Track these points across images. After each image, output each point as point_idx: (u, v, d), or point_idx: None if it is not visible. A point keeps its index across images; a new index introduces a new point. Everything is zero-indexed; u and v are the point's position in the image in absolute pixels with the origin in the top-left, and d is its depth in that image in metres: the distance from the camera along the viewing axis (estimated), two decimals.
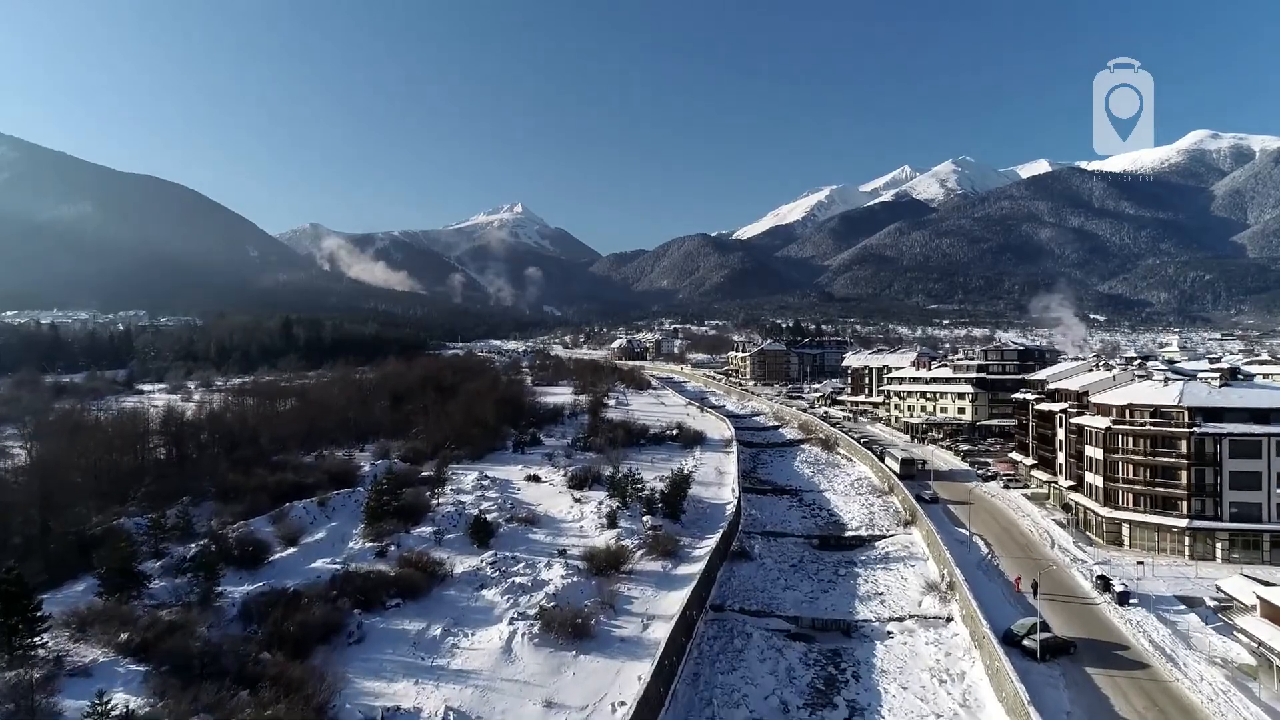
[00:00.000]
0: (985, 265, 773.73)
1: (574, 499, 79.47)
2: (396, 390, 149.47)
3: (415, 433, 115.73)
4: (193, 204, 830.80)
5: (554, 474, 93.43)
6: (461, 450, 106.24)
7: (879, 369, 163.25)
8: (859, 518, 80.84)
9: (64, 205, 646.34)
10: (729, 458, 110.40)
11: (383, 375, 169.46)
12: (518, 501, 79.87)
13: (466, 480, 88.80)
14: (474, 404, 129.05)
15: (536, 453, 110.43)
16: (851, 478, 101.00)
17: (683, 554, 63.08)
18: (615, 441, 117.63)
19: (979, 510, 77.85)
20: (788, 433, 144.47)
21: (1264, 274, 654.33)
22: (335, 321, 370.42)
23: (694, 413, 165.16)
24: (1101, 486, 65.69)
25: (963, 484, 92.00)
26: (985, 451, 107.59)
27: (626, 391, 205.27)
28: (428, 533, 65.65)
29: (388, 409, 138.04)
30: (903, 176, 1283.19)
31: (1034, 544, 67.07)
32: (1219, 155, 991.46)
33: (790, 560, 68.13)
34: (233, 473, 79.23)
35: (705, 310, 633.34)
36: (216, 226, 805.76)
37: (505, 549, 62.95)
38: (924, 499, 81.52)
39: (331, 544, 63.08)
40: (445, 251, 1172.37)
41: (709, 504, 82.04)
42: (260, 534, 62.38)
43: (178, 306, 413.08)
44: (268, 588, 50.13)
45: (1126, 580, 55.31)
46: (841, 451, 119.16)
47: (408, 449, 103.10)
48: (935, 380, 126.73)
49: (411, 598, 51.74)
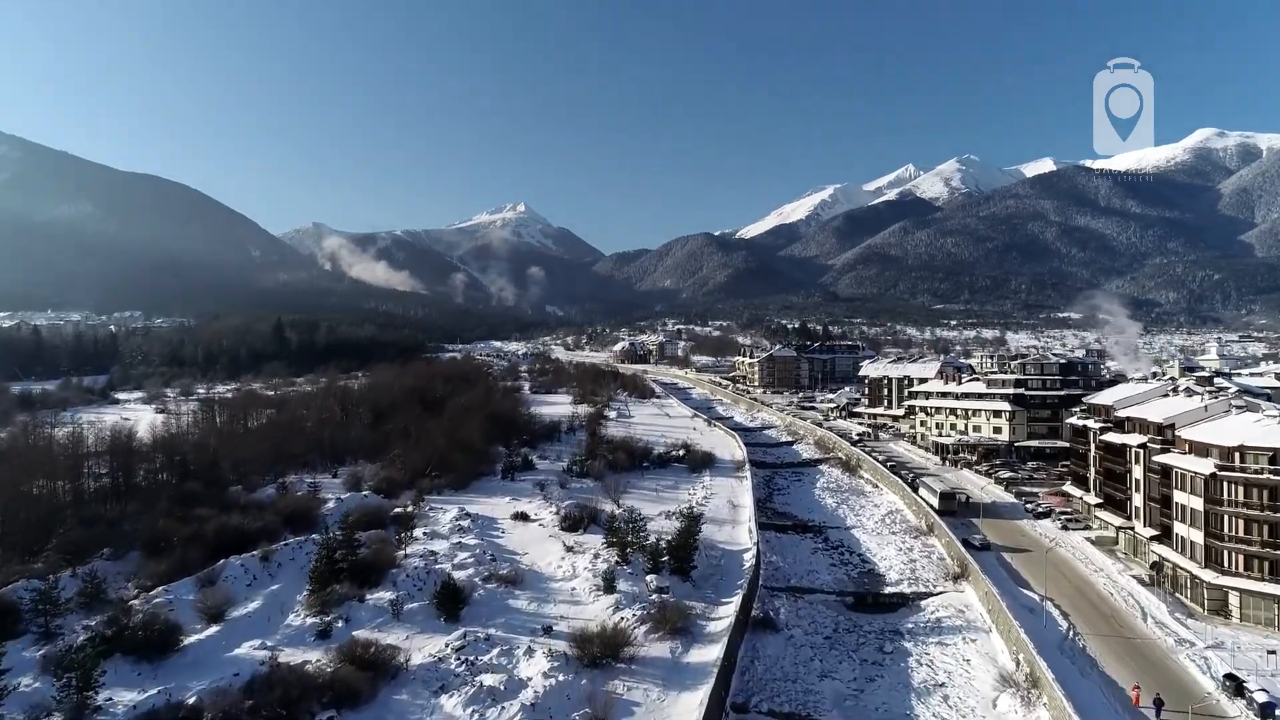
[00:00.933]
0: (991, 265, 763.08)
1: (566, 546, 68.09)
2: (380, 404, 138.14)
3: (394, 456, 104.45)
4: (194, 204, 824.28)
5: (545, 509, 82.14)
6: (443, 479, 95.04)
7: (899, 380, 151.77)
8: (898, 567, 69.40)
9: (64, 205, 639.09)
10: (742, 485, 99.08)
11: (368, 386, 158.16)
12: (500, 550, 68.56)
13: (444, 519, 77.52)
14: (461, 423, 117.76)
15: (528, 479, 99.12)
16: (881, 510, 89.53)
17: (695, 629, 51.74)
18: (616, 465, 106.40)
19: (1041, 560, 66.45)
20: (803, 450, 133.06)
21: (1274, 273, 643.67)
22: (330, 324, 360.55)
23: (701, 426, 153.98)
24: (1201, 543, 54.29)
25: (1012, 522, 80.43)
26: (1030, 480, 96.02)
27: (628, 400, 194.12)
28: (387, 600, 54.28)
29: (369, 426, 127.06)
30: (906, 175, 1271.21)
31: (1120, 614, 55.54)
32: (1225, 154, 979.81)
33: (823, 630, 56.74)
34: (169, 517, 67.94)
35: (709, 310, 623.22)
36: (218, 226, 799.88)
37: (478, 623, 51.67)
38: (973, 544, 70.07)
39: (267, 617, 51.79)
40: (447, 251, 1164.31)
41: (723, 550, 70.70)
42: (179, 604, 51.18)
43: (176, 307, 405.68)
44: (163, 699, 38.86)
45: (1261, 678, 43.79)
46: (865, 476, 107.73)
47: (381, 479, 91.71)
48: (967, 396, 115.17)
49: (351, 706, 40.41)
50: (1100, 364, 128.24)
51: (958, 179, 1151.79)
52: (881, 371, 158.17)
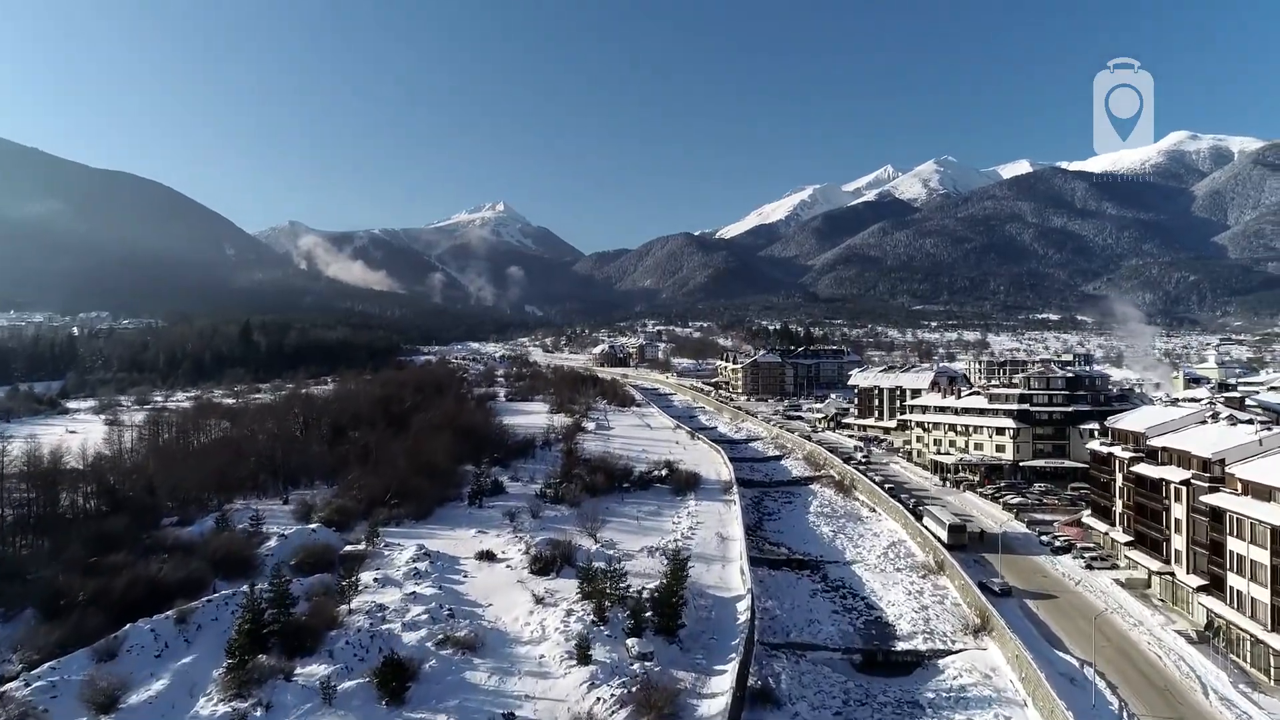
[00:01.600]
0: (969, 265, 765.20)
1: (535, 597, 59.83)
2: (341, 418, 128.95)
3: (352, 479, 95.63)
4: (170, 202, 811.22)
5: (514, 546, 73.87)
6: (403, 507, 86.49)
7: (891, 390, 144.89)
8: (908, 615, 61.86)
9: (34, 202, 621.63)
10: (731, 511, 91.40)
11: (330, 398, 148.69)
12: (459, 601, 60.23)
13: (400, 559, 69.03)
14: (427, 440, 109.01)
15: (498, 505, 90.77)
16: (882, 542, 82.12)
17: (685, 711, 43.77)
18: (593, 488, 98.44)
19: (1070, 610, 59.25)
20: (792, 467, 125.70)
21: (1247, 275, 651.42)
22: (301, 326, 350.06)
23: (684, 439, 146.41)
24: (1267, 603, 47.26)
25: (1029, 558, 73.20)
26: (1040, 505, 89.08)
27: (608, 410, 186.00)
28: (320, 676, 45.85)
29: (328, 442, 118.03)
30: (885, 176, 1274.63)
31: (1176, 685, 48.22)
32: (1198, 156, 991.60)
33: (831, 703, 49.03)
34: (76, 565, 58.77)
35: (689, 310, 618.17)
36: (193, 224, 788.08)
37: (427, 706, 43.56)
38: (991, 589, 62.65)
39: (171, 704, 43.24)
40: (426, 250, 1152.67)
41: (713, 598, 62.88)
42: (65, 688, 42.43)
43: (147, 307, 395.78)
44: None
45: None
46: (861, 498, 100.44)
47: (333, 508, 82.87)
48: (968, 411, 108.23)
49: None
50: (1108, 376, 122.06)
51: (936, 180, 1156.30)
52: (872, 381, 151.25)
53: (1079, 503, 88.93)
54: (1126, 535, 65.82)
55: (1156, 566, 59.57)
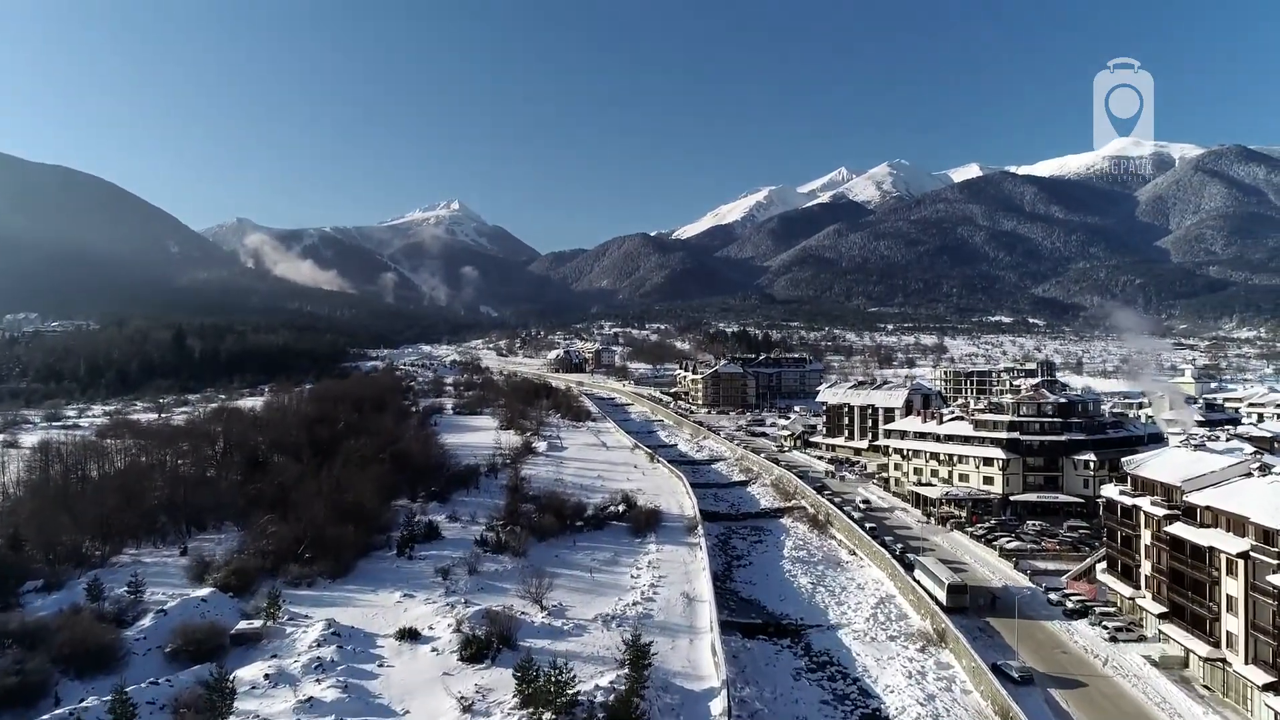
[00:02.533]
0: (923, 268, 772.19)
1: (462, 701, 48.50)
2: (259, 447, 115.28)
3: (261, 525, 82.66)
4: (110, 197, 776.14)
5: (443, 617, 62.39)
6: (318, 563, 74.20)
7: (862, 408, 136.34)
8: (913, 709, 51.84)
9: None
10: (696, 559, 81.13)
11: (253, 420, 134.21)
12: (369, 706, 48.63)
13: (303, 641, 57.15)
14: (355, 474, 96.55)
15: (429, 556, 79.24)
16: (869, 597, 72.46)
17: None
18: (542, 530, 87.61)
19: (1105, 704, 49.96)
20: (760, 495, 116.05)
21: (1190, 278, 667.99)
22: (241, 330, 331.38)
23: (642, 462, 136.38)
24: None
25: (1040, 625, 63.80)
26: (1037, 550, 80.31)
27: (561, 425, 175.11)
28: None
29: (242, 475, 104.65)
30: (839, 178, 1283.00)
31: None
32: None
33: None
34: None
35: (646, 312, 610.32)
36: (134, 221, 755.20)
37: None
38: (1009, 675, 53.00)
39: None
40: (378, 249, 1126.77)
41: (680, 691, 52.22)
42: None
43: (82, 309, 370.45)
44: None
45: None
46: (838, 537, 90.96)
47: (230, 571, 70.09)
48: (952, 439, 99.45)
49: None
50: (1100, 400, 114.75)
51: (889, 183, 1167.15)
52: (841, 398, 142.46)
53: (1080, 546, 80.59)
54: (1158, 605, 56.82)
55: (1204, 651, 50.52)
